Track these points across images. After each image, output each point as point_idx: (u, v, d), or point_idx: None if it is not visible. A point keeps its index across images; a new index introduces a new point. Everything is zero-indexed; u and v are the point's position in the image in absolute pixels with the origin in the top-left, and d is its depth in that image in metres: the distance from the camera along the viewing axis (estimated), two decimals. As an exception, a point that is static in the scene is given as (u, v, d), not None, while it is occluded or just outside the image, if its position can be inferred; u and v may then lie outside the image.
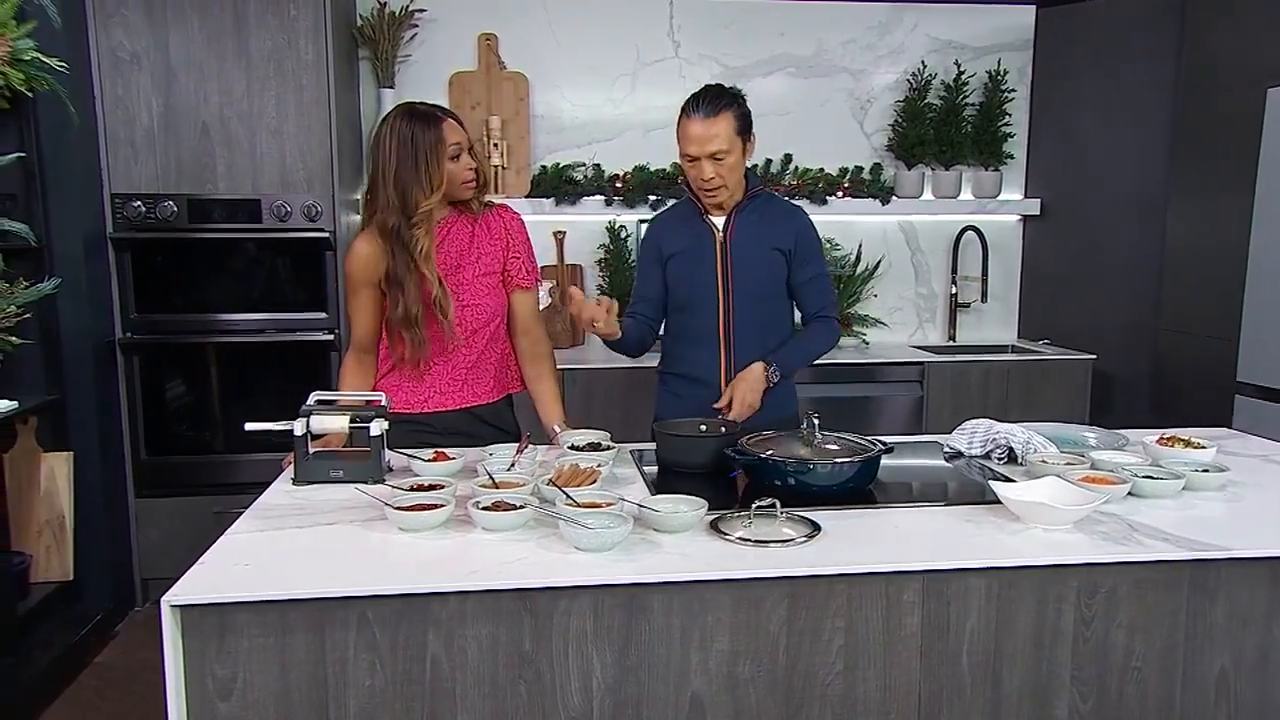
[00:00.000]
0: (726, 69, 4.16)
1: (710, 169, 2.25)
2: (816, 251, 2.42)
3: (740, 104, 2.27)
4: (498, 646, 1.46)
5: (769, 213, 2.39)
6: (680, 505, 1.69)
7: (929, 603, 1.52)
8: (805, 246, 2.39)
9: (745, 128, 2.27)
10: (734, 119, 2.23)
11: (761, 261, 2.35)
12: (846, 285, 4.20)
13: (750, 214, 2.37)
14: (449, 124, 2.15)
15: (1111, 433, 2.21)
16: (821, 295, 2.42)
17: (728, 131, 2.22)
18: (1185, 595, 1.58)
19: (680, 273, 2.40)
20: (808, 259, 2.40)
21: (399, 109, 2.17)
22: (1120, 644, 1.58)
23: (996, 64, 4.25)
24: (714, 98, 2.24)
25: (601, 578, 1.46)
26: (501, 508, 1.68)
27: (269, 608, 1.40)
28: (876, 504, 1.83)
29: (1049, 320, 4.35)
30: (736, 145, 2.25)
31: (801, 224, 2.40)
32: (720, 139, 2.22)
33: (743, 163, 2.31)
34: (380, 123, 2.15)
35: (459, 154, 2.16)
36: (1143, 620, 1.58)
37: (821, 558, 1.52)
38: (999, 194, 4.29)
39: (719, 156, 2.24)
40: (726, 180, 2.28)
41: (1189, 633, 1.59)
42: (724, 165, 2.25)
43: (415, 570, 1.49)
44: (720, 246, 2.36)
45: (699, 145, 2.24)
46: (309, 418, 1.98)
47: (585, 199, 4.05)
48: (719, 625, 1.49)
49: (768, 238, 2.35)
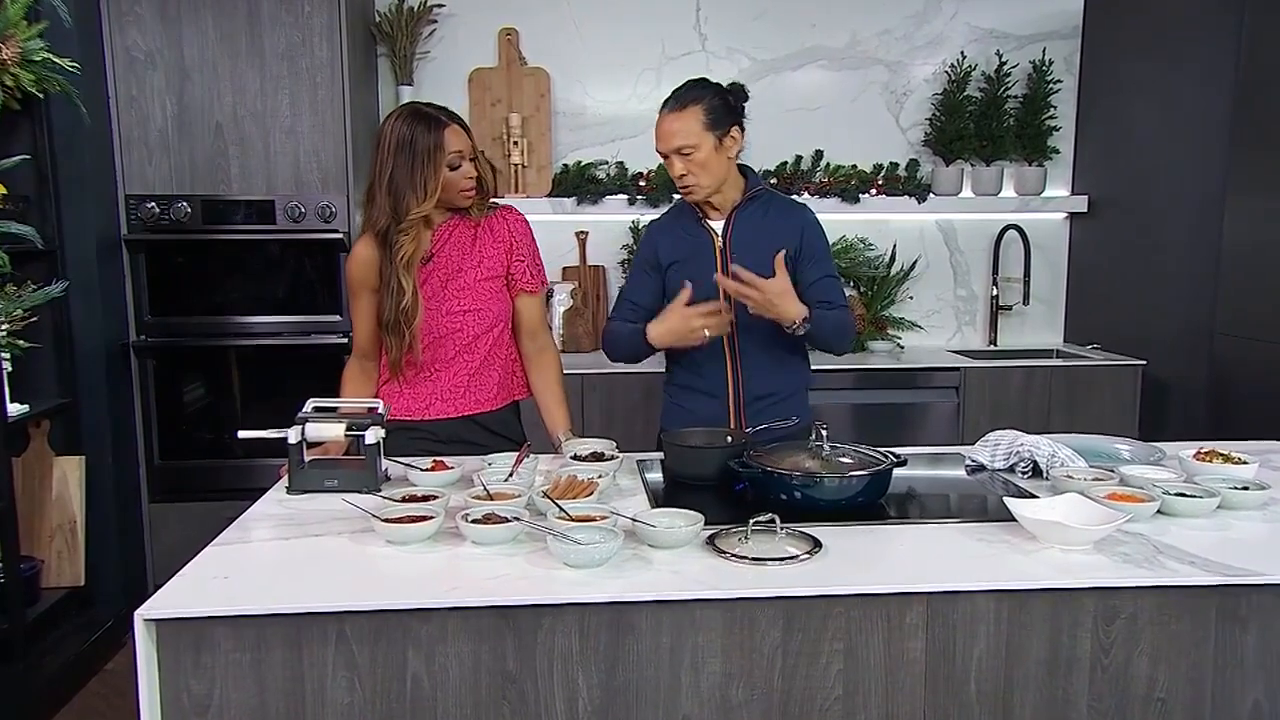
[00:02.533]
0: (755, 62, 4.14)
1: (679, 165, 2.21)
2: (824, 250, 2.36)
3: (714, 96, 2.20)
4: (480, 665, 1.45)
5: (770, 213, 2.34)
6: (677, 520, 1.67)
7: (933, 626, 1.49)
8: (811, 245, 2.33)
9: (719, 121, 2.19)
10: (703, 112, 2.17)
11: (766, 265, 2.27)
12: (880, 287, 4.15)
13: (750, 216, 2.33)
14: (451, 130, 2.14)
15: (1147, 445, 2.15)
16: (833, 295, 2.34)
17: (694, 125, 2.17)
18: (1214, 622, 1.53)
19: (680, 278, 2.30)
20: (815, 258, 2.33)
21: (404, 108, 2.17)
22: (1142, 673, 1.53)
23: (1041, 53, 4.17)
24: (684, 90, 2.21)
25: (587, 595, 1.45)
26: (492, 520, 1.68)
27: (246, 622, 1.41)
28: (886, 520, 1.80)
29: (1097, 324, 4.25)
30: (706, 140, 2.18)
31: (805, 221, 2.35)
32: (685, 134, 2.17)
33: (719, 159, 2.22)
34: (384, 121, 2.16)
35: (459, 162, 2.15)
36: (1166, 648, 1.53)
37: (818, 577, 1.50)
38: (1043, 191, 4.21)
39: (685, 152, 2.18)
40: (699, 178, 2.22)
41: (1218, 663, 1.54)
42: (693, 161, 2.19)
43: (399, 585, 1.50)
44: (721, 253, 2.31)
45: (664, 141, 2.21)
46: (304, 425, 2.00)
47: (608, 198, 4.04)
48: (710, 646, 1.47)
49: (770, 240, 2.29)
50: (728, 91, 2.26)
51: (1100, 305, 4.26)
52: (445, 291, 2.23)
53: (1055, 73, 4.18)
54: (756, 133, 4.18)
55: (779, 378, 2.36)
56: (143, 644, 1.37)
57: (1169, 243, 4.00)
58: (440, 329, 2.24)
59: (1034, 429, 3.66)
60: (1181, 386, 3.94)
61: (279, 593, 1.45)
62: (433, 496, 1.84)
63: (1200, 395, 3.88)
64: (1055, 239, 4.35)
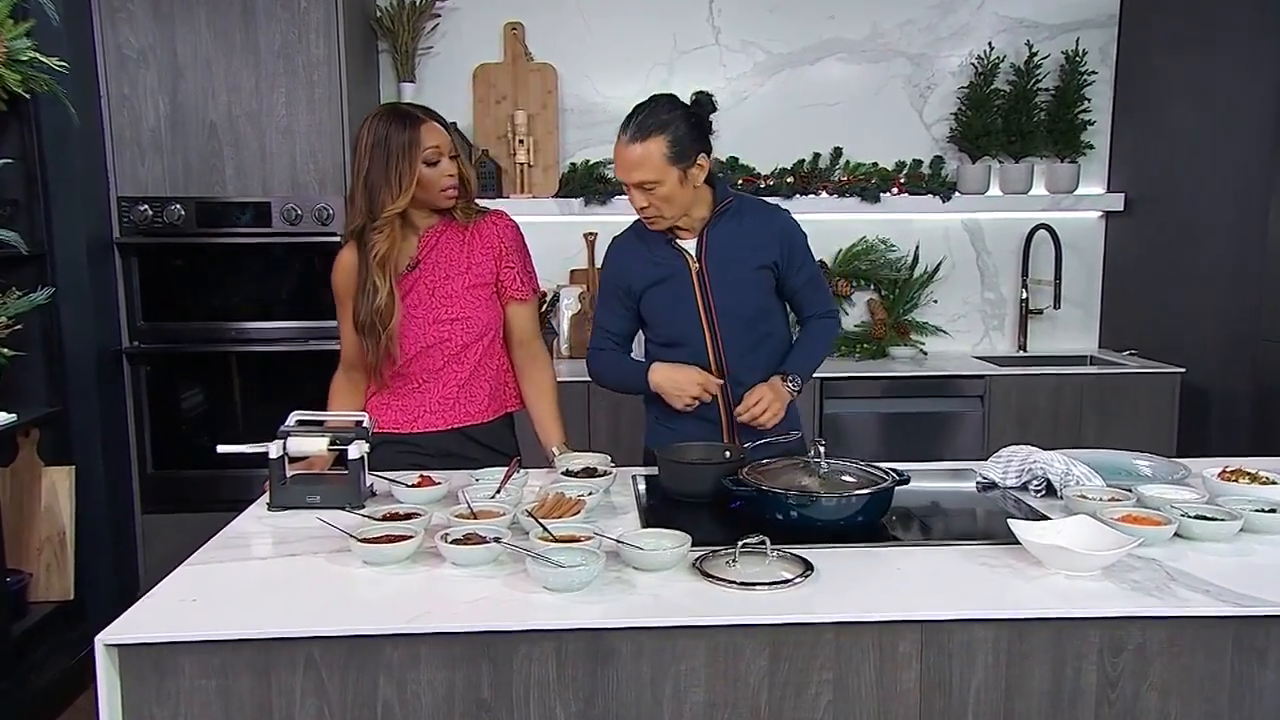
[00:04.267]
0: (770, 55, 4.13)
1: (640, 198, 2.16)
2: (804, 249, 2.33)
3: (679, 123, 2.11)
4: (454, 693, 1.46)
5: (744, 223, 2.27)
6: (664, 541, 1.67)
7: (928, 656, 1.48)
8: (793, 250, 2.29)
9: (683, 153, 2.11)
10: (665, 144, 2.08)
11: (746, 282, 2.25)
12: (903, 290, 4.12)
13: (723, 231, 2.26)
14: (428, 126, 2.16)
15: (1171, 462, 2.12)
16: (820, 295, 2.38)
17: (656, 160, 2.09)
18: (1230, 655, 1.50)
19: (658, 308, 2.29)
20: (798, 262, 2.30)
21: (381, 108, 2.22)
22: (1152, 707, 1.51)
23: (1074, 43, 4.12)
24: (644, 118, 2.11)
25: (565, 621, 1.45)
26: (472, 541, 1.68)
27: (212, 648, 1.43)
28: (886, 541, 1.79)
29: (1133, 329, 4.20)
30: (670, 175, 2.10)
31: (783, 227, 2.30)
32: (646, 169, 2.10)
33: (685, 191, 2.15)
34: (362, 123, 2.19)
35: (437, 159, 2.16)
36: (1178, 682, 1.50)
37: (807, 602, 1.49)
38: (1076, 189, 4.16)
39: (648, 186, 2.13)
40: (663, 210, 2.16)
41: (1235, 698, 1.51)
42: (655, 195, 2.14)
43: (373, 608, 1.50)
44: (697, 276, 2.25)
45: (623, 170, 2.14)
46: (286, 440, 2.02)
47: (617, 198, 4.04)
48: (694, 674, 1.47)
49: (748, 254, 2.25)
50: (693, 112, 2.17)
51: (1137, 309, 4.20)
52: (432, 299, 2.25)
53: (1089, 64, 4.13)
54: (773, 129, 4.22)
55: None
56: (104, 670, 1.39)
57: (1210, 243, 3.93)
58: (427, 338, 2.25)
59: (1064, 441, 3.69)
60: (1223, 397, 3.88)
61: (247, 617, 1.46)
62: (415, 514, 1.85)
63: (1243, 406, 3.81)
64: (1089, 239, 4.30)
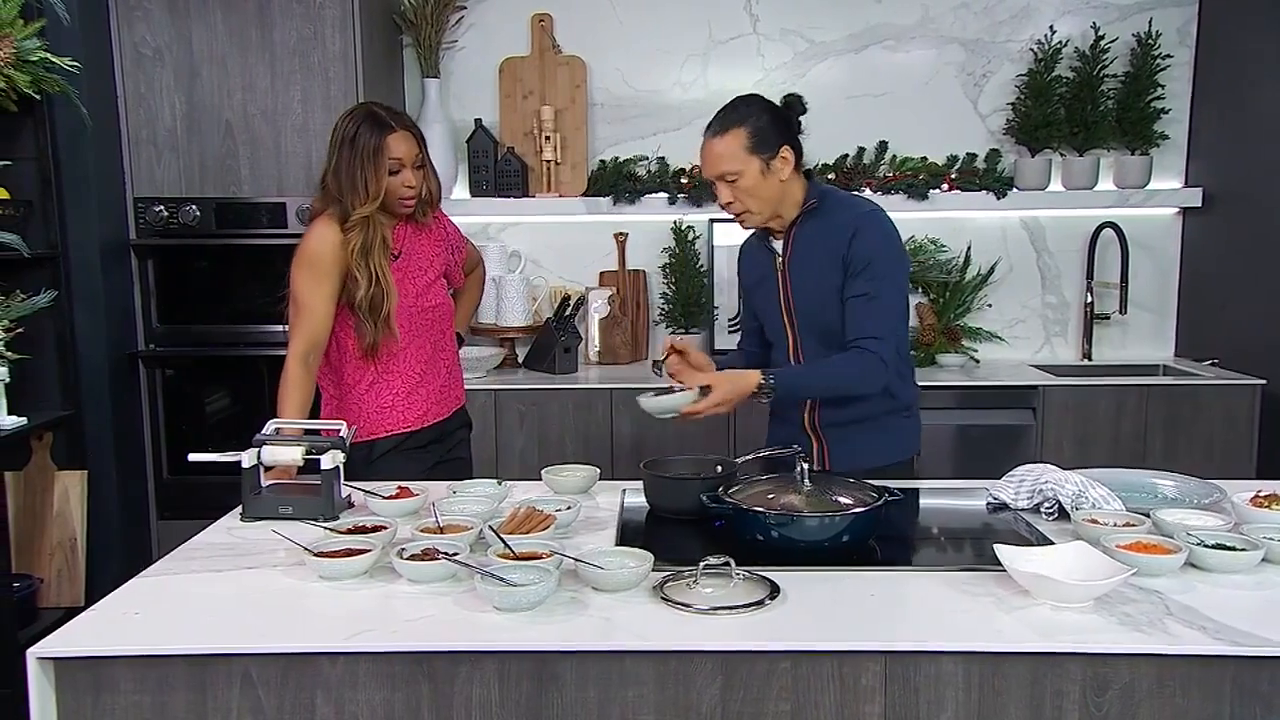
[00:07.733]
0: (812, 44, 4.09)
1: (726, 192, 2.26)
2: (869, 258, 2.21)
3: (760, 115, 2.23)
4: (392, 714, 1.49)
5: (826, 221, 2.30)
6: (627, 560, 1.68)
7: (892, 689, 1.46)
8: (856, 252, 2.22)
9: (764, 143, 2.22)
10: (746, 135, 2.20)
11: (823, 287, 2.27)
12: (953, 294, 4.05)
13: (807, 231, 2.32)
14: (397, 136, 2.32)
15: (1203, 484, 2.05)
16: (864, 319, 2.21)
17: (736, 150, 2.21)
18: (1228, 698, 1.45)
19: (757, 308, 2.48)
20: (857, 267, 2.22)
21: (359, 106, 2.41)
22: (1143, 752, 1.46)
23: (1147, 25, 4.00)
24: (726, 112, 2.25)
25: (510, 642, 1.47)
26: (429, 556, 1.71)
27: (148, 663, 1.48)
28: (868, 564, 1.77)
29: (1213, 335, 4.05)
30: (751, 165, 2.21)
31: (856, 222, 2.25)
32: (727, 159, 2.22)
33: (769, 183, 2.24)
34: (343, 114, 2.37)
35: (399, 169, 2.34)
36: (1171, 725, 1.46)
37: (764, 629, 1.48)
38: (1148, 183, 4.03)
39: (729, 178, 2.23)
40: (747, 204, 2.27)
41: (1235, 744, 1.46)
42: (738, 188, 2.24)
43: (318, 624, 1.55)
44: (781, 276, 2.36)
45: (706, 166, 2.28)
46: (260, 449, 2.08)
47: (647, 197, 4.05)
48: (642, 701, 1.47)
49: (826, 255, 2.27)
50: (778, 107, 2.29)
51: (1217, 315, 4.06)
52: (414, 288, 2.47)
53: (1164, 47, 4.00)
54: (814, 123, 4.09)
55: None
56: (36, 684, 1.46)
57: (1295, 243, 3.78)
58: (415, 326, 2.46)
59: (1125, 458, 3.59)
60: (1309, 411, 3.73)
61: (187, 631, 1.52)
62: (382, 527, 1.89)
63: (1329, 420, 3.66)
64: (1163, 238, 4.17)
